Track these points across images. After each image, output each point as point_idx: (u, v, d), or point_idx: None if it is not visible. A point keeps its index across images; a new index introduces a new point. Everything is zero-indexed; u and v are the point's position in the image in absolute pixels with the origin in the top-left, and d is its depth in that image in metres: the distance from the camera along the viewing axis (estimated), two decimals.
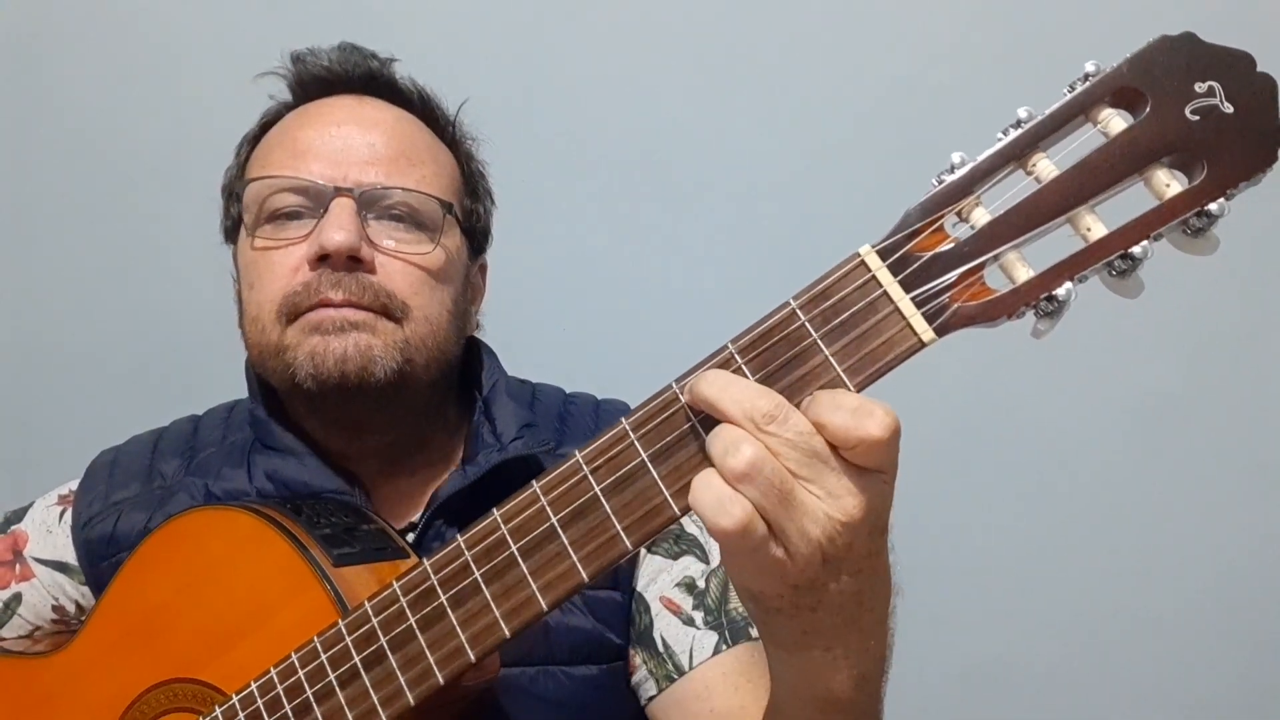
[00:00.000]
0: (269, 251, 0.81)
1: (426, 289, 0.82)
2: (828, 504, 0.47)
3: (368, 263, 0.79)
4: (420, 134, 0.88)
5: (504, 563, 0.57)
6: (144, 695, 0.72)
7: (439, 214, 0.83)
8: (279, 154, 0.84)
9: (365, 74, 0.88)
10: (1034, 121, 0.50)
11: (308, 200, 0.80)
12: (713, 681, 0.78)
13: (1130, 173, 0.49)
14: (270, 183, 0.82)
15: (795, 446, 0.47)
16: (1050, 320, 0.50)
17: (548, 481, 0.56)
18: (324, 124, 0.84)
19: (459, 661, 0.58)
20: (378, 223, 0.81)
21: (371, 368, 0.77)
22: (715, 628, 0.80)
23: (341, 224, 0.77)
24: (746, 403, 0.48)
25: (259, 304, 0.81)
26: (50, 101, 1.49)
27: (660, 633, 0.81)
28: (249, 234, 0.83)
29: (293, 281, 0.79)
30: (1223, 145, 0.47)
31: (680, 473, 0.52)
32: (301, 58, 0.89)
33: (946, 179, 0.51)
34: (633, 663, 0.82)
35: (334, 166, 0.81)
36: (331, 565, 0.68)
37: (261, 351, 0.81)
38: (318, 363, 0.77)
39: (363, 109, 0.86)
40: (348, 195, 0.79)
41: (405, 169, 0.83)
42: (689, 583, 0.83)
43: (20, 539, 0.90)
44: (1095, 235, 0.49)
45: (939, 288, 0.50)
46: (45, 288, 1.51)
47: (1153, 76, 0.49)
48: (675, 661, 0.80)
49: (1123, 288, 0.50)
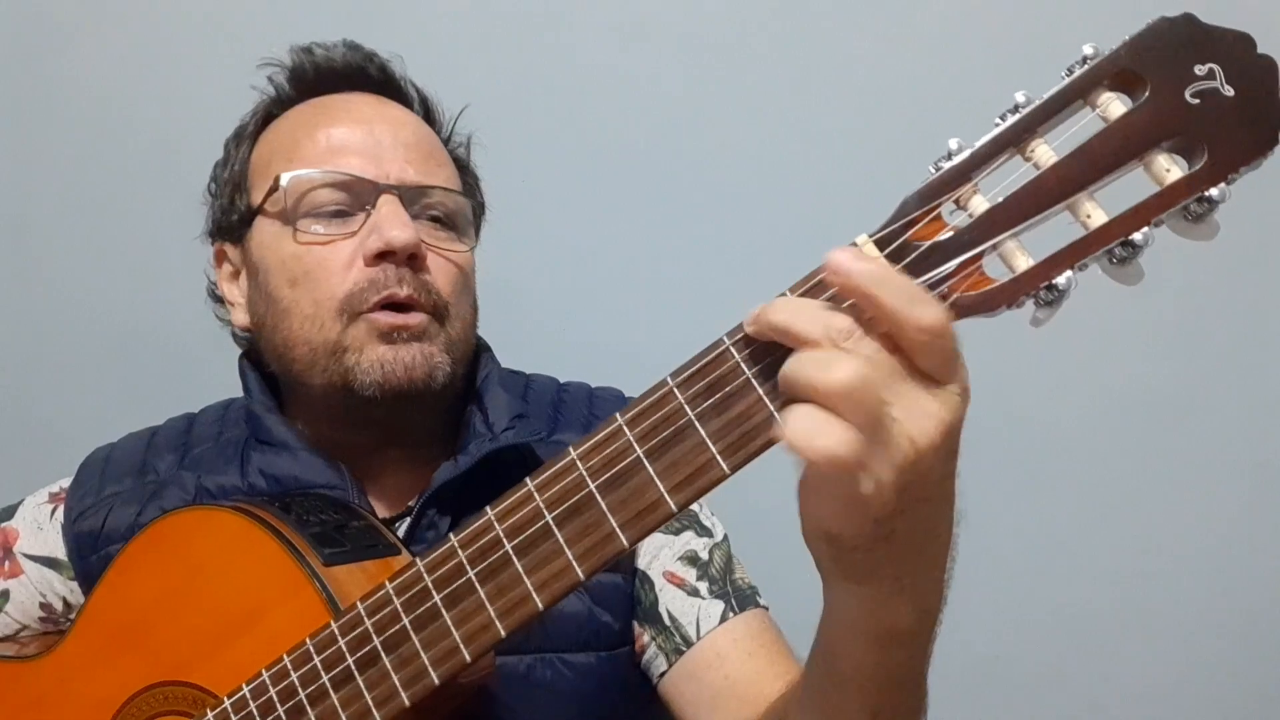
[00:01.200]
0: (315, 248, 0.80)
1: (461, 287, 0.83)
2: (909, 425, 0.45)
3: (422, 260, 0.80)
4: (434, 137, 0.89)
5: (498, 561, 0.56)
6: (134, 698, 0.71)
7: (469, 211, 0.85)
8: (310, 149, 0.82)
9: (379, 72, 0.88)
10: (1032, 106, 0.49)
11: (349, 196, 0.80)
12: (724, 648, 0.78)
13: (1130, 158, 0.48)
14: (311, 176, 0.80)
15: (877, 365, 0.45)
16: (1050, 309, 0.49)
17: (542, 479, 0.55)
18: (354, 121, 0.83)
19: (454, 661, 0.58)
20: (416, 222, 0.81)
21: (435, 375, 0.79)
22: (721, 596, 0.80)
23: (404, 221, 0.78)
24: (824, 320, 0.46)
25: (316, 301, 0.79)
26: (49, 101, 1.47)
27: (666, 606, 0.81)
28: (285, 224, 0.81)
29: (348, 278, 0.78)
30: (1223, 129, 0.47)
31: (677, 467, 0.52)
32: (310, 50, 0.88)
33: (944, 166, 0.50)
34: (640, 642, 0.82)
35: (374, 163, 0.81)
36: (322, 564, 0.67)
37: (313, 349, 0.80)
38: (387, 372, 0.77)
39: (385, 108, 0.86)
40: (392, 192, 0.79)
41: (434, 169, 0.84)
42: (691, 556, 0.83)
43: (10, 535, 0.89)
44: (1095, 222, 0.48)
45: (938, 277, 0.49)
46: (41, 287, 1.50)
47: (1152, 59, 0.48)
48: (683, 633, 0.79)
49: (1123, 275, 0.49)
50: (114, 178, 1.46)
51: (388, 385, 0.77)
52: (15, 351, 1.51)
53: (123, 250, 1.48)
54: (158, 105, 1.44)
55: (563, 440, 0.86)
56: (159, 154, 1.44)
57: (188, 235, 0.94)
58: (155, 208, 1.43)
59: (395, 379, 0.77)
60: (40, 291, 1.50)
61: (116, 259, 1.48)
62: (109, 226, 1.48)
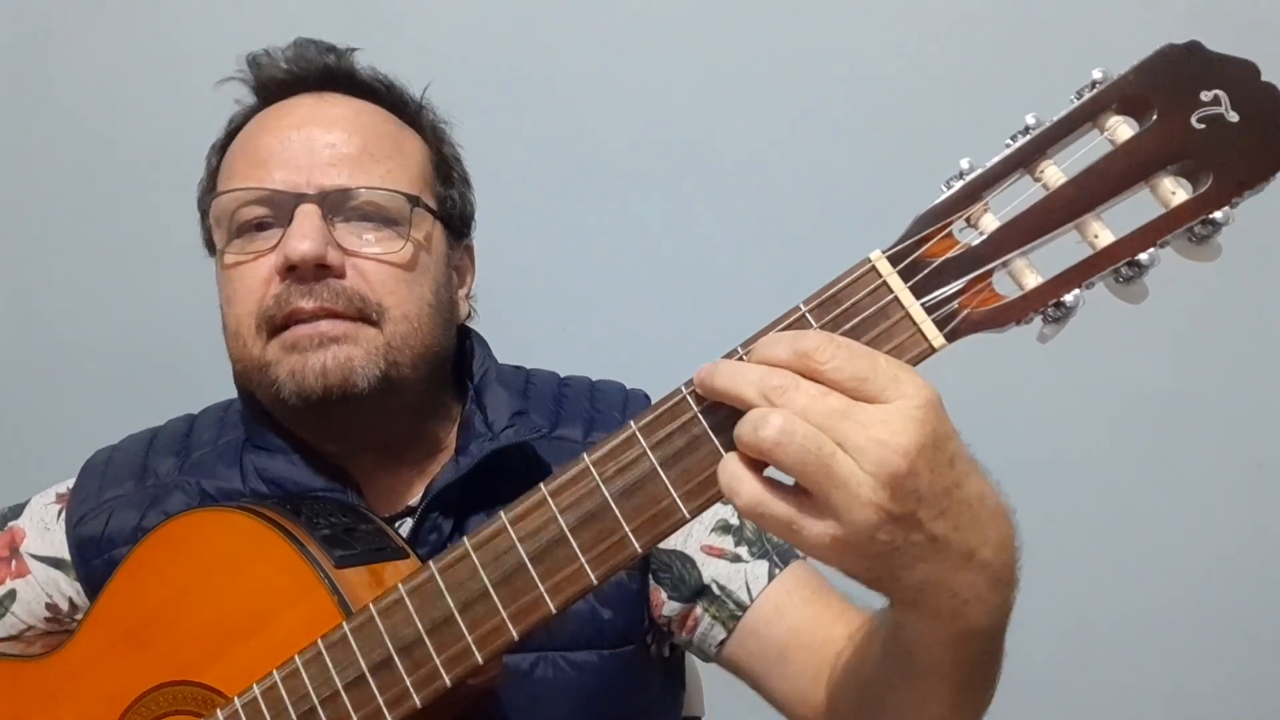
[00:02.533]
0: (240, 266, 0.80)
1: (402, 286, 0.81)
2: (864, 461, 0.46)
3: (337, 268, 0.78)
4: (384, 125, 0.86)
5: (512, 566, 0.57)
6: (143, 697, 0.71)
7: (406, 209, 0.82)
8: (241, 164, 0.83)
9: (322, 69, 0.86)
10: (1042, 128, 0.51)
11: (273, 210, 0.79)
12: (780, 602, 0.79)
13: (1137, 180, 0.49)
14: (235, 196, 0.81)
15: (811, 409, 0.46)
16: (1057, 326, 0.51)
17: (557, 484, 0.56)
18: (283, 129, 0.82)
19: (467, 663, 0.58)
20: (345, 224, 0.80)
21: (353, 378, 0.76)
22: (763, 556, 0.82)
23: (305, 232, 0.76)
24: (758, 380, 0.48)
25: (237, 319, 0.80)
26: (48, 101, 1.48)
27: (712, 578, 0.82)
28: (220, 250, 0.83)
29: (265, 294, 0.78)
30: (1228, 154, 0.48)
31: (690, 475, 0.53)
32: (257, 60, 0.87)
33: (955, 185, 0.52)
34: (692, 617, 0.83)
35: (296, 172, 0.79)
36: (333, 567, 0.67)
37: (245, 367, 0.81)
38: (299, 380, 0.76)
39: (322, 107, 0.84)
40: (311, 201, 0.78)
41: (368, 165, 0.82)
42: (723, 524, 0.84)
43: (17, 535, 0.89)
44: (1103, 242, 0.49)
45: (949, 294, 0.50)
46: (43, 287, 1.50)
47: (1159, 85, 0.49)
48: (735, 599, 0.81)
49: (1128, 294, 0.51)
50: (115, 179, 1.47)
51: (303, 392, 0.76)
52: (17, 351, 1.50)
53: (124, 250, 1.48)
54: (158, 107, 1.45)
55: (565, 436, 0.87)
56: (160, 155, 1.44)
57: (188, 236, 0.94)
58: (156, 209, 1.43)
59: (308, 386, 0.76)
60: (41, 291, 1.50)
61: (117, 259, 1.48)
62: (110, 227, 1.48)
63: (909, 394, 0.47)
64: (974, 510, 0.49)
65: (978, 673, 0.59)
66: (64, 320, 1.50)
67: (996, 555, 0.51)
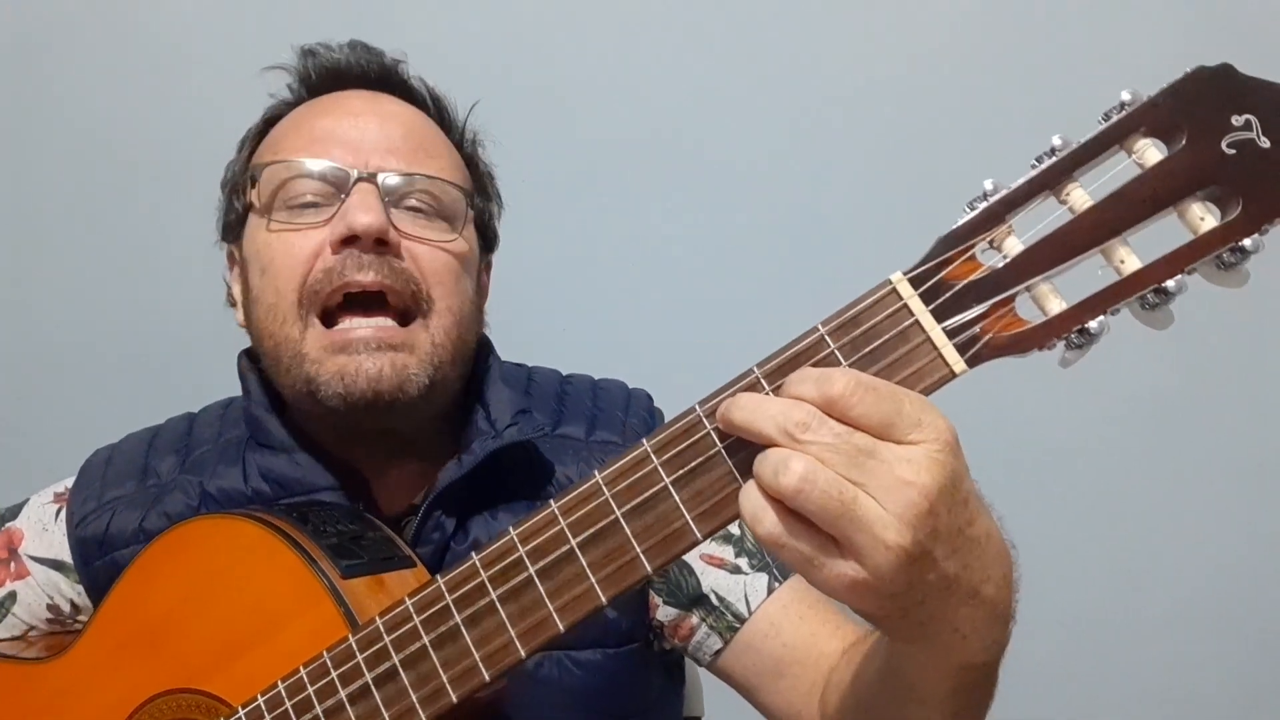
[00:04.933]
0: (285, 234, 0.78)
1: (451, 278, 0.80)
2: (888, 502, 0.45)
3: (394, 246, 0.76)
4: (435, 131, 0.87)
5: (521, 583, 0.56)
6: (146, 704, 0.71)
7: (461, 202, 0.83)
8: (294, 140, 0.81)
9: (380, 69, 0.87)
10: (1068, 150, 0.50)
11: (327, 186, 0.78)
12: (776, 617, 0.79)
13: (1165, 205, 0.48)
14: (289, 165, 0.79)
15: (837, 449, 0.46)
16: (1079, 351, 0.50)
17: (566, 502, 0.55)
18: (341, 113, 0.82)
19: (473, 681, 0.58)
20: (400, 212, 0.79)
21: (407, 386, 0.75)
22: (763, 569, 0.82)
23: (369, 205, 0.75)
24: (780, 417, 0.47)
25: (277, 290, 0.77)
26: (48, 101, 1.47)
27: (711, 587, 0.82)
28: (262, 215, 0.80)
29: (313, 267, 0.76)
30: (1259, 180, 0.47)
31: (703, 497, 0.52)
32: (314, 51, 0.87)
33: (979, 206, 0.51)
34: (687, 626, 0.83)
35: (354, 153, 0.79)
36: (340, 577, 0.67)
37: (277, 344, 0.78)
38: (348, 384, 0.74)
39: (379, 103, 0.85)
40: (369, 181, 0.77)
41: (424, 160, 0.82)
42: (724, 534, 0.83)
43: (15, 536, 0.89)
44: (1129, 268, 0.48)
45: (971, 318, 0.49)
46: (42, 286, 1.50)
47: (1189, 108, 0.48)
48: (734, 611, 0.81)
49: (1153, 320, 0.50)
50: (116, 177, 1.46)
51: (350, 397, 0.74)
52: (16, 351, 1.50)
53: (124, 249, 1.47)
54: (159, 106, 1.44)
55: (567, 434, 0.86)
56: (162, 154, 1.44)
57: (190, 234, 0.93)
58: (157, 207, 1.44)
59: (358, 390, 0.73)
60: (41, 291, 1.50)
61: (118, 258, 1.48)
62: (111, 226, 1.48)
63: (931, 437, 0.47)
64: (981, 548, 0.50)
65: (972, 701, 0.59)
66: (63, 320, 1.50)
67: (998, 592, 0.52)
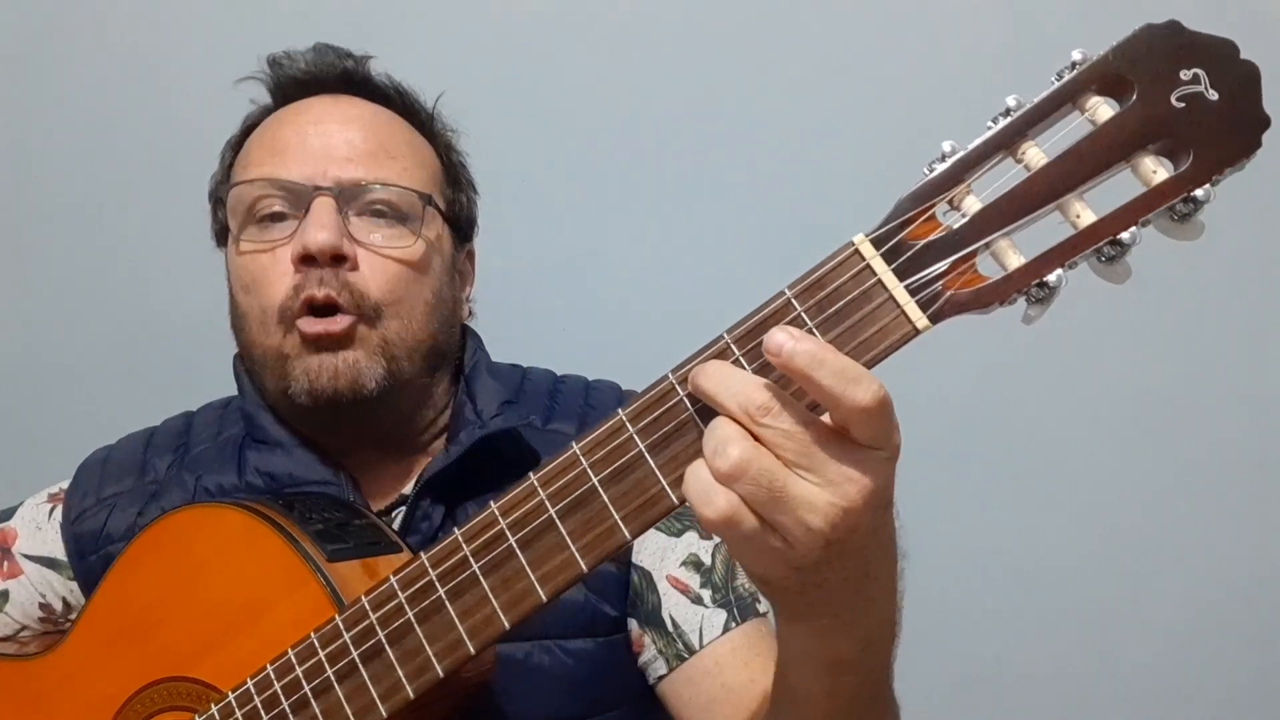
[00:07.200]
0: (257, 255, 0.83)
1: (404, 283, 0.83)
2: (829, 492, 0.47)
3: (351, 259, 0.81)
4: (398, 128, 0.89)
5: (502, 555, 0.57)
6: (138, 694, 0.72)
7: (419, 206, 0.85)
8: (258, 156, 0.85)
9: (341, 73, 0.90)
10: (1023, 110, 0.51)
11: (289, 200, 0.82)
12: (723, 658, 0.80)
13: (1118, 160, 0.49)
14: (252, 186, 0.83)
15: (792, 437, 0.48)
16: (1041, 306, 0.51)
17: (545, 473, 0.56)
18: (301, 123, 0.86)
19: (458, 654, 0.58)
20: (359, 219, 0.83)
21: (361, 380, 0.80)
22: (724, 605, 0.82)
23: (323, 223, 0.79)
24: (742, 395, 0.49)
25: (262, 309, 0.82)
26: (47, 102, 1.47)
27: (669, 612, 0.82)
28: (235, 238, 0.85)
29: (283, 285, 0.81)
30: (1208, 132, 0.48)
31: (678, 462, 0.53)
32: (278, 61, 0.90)
33: (938, 168, 0.51)
34: (640, 642, 0.83)
35: (313, 165, 0.82)
36: (325, 560, 0.68)
37: (264, 352, 0.83)
38: (313, 380, 0.79)
39: (339, 106, 0.87)
40: (327, 194, 0.81)
41: (384, 162, 0.85)
42: (695, 561, 0.84)
43: (8, 536, 0.90)
44: (1084, 222, 0.49)
45: (932, 275, 0.50)
46: (39, 288, 1.50)
47: (1139, 64, 0.49)
48: (685, 641, 0.81)
49: (1111, 274, 0.51)
50: (114, 176, 1.46)
51: (314, 394, 0.79)
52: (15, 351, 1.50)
53: (123, 248, 1.48)
54: (158, 104, 1.44)
55: (558, 430, 0.88)
56: (160, 152, 1.44)
57: (187, 234, 0.95)
58: (155, 206, 1.43)
59: (320, 387, 0.79)
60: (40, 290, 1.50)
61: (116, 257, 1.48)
62: (109, 225, 1.48)
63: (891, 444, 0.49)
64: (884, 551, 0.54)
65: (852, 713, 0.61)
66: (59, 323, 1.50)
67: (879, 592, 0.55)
